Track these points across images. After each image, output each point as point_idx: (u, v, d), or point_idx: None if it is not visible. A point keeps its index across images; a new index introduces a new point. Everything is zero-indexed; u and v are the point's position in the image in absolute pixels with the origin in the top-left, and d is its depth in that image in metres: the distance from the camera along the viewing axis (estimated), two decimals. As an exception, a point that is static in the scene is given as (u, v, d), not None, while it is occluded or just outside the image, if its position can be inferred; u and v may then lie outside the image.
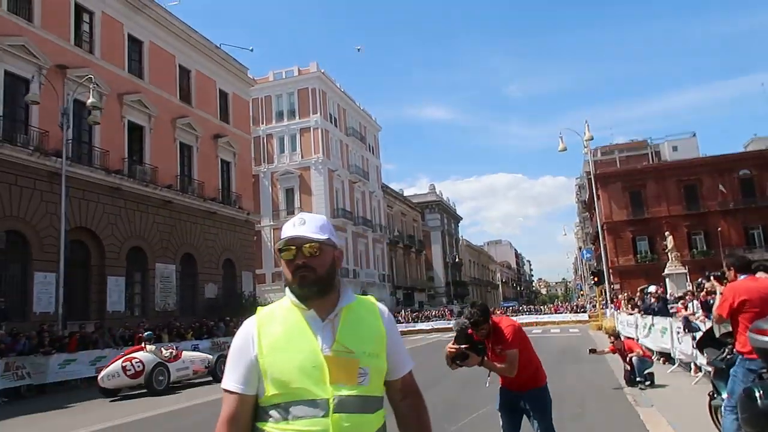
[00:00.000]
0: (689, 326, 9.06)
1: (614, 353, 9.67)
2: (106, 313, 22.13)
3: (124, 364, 12.61)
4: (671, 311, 11.25)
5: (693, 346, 9.03)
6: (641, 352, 9.23)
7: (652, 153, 72.47)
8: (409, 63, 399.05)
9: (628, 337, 16.07)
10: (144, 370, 12.63)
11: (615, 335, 10.16)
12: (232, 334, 13.92)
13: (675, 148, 69.09)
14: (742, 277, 4.48)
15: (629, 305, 17.04)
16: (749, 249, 47.83)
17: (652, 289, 12.97)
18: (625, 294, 18.52)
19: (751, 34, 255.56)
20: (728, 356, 4.67)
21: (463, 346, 3.98)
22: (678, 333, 9.91)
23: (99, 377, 12.84)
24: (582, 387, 9.49)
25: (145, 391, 12.75)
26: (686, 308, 9.75)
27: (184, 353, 14.54)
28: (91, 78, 19.51)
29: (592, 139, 25.69)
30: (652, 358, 10.14)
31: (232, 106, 33.52)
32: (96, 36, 23.89)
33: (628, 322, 17.12)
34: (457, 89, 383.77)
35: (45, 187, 20.36)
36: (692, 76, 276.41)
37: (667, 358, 11.16)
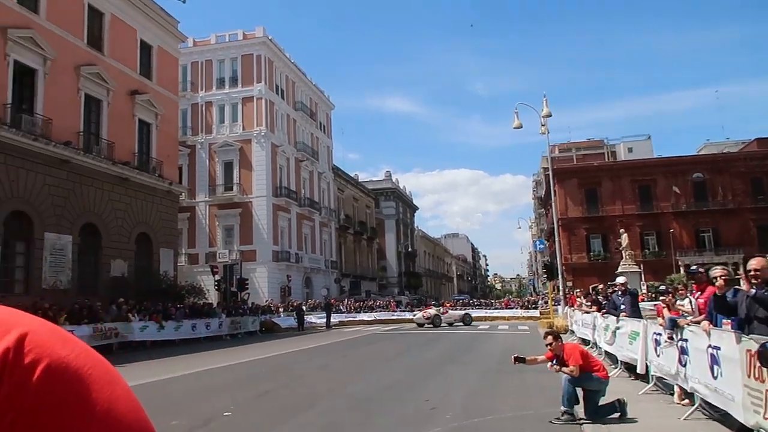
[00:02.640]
0: (677, 332, 6.33)
1: (551, 362, 6.66)
2: (-31, 288, 18.31)
3: None
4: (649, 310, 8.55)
5: (680, 362, 6.27)
6: (576, 370, 6.22)
7: (608, 152, 71.92)
8: (373, 54, 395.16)
9: (583, 341, 13.47)
10: None
11: (554, 335, 6.99)
12: (125, 319, 10.76)
13: (630, 150, 68.61)
14: None
15: (587, 301, 14.46)
16: (699, 252, 47.25)
17: (620, 279, 10.31)
18: (580, 290, 15.94)
19: (709, 47, 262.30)
20: None
21: None
22: (657, 340, 7.19)
23: None
24: (520, 418, 6.63)
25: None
26: (671, 306, 7.03)
27: None
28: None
29: (550, 116, 23.15)
30: (607, 374, 6.81)
31: (157, 61, 29.63)
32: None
33: (583, 322, 14.55)
34: (421, 83, 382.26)
35: None
36: (650, 85, 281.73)
37: (635, 372, 8.47)
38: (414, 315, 32.06)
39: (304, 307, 33.38)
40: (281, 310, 33.44)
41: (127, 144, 26.61)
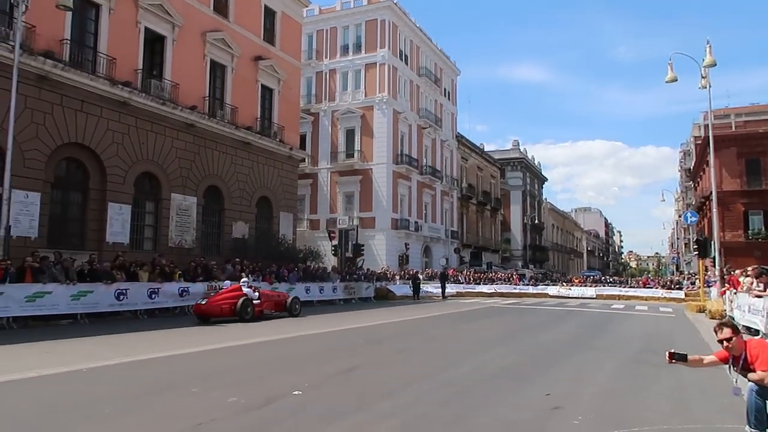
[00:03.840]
0: None
1: (729, 364, 4.76)
2: (104, 244, 19.42)
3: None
4: None
5: None
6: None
7: (776, 118, 62.31)
8: (503, 19, 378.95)
9: (747, 330, 10.90)
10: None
11: (732, 327, 4.88)
12: (238, 279, 8.45)
13: (806, 114, 58.79)
14: None
15: (760, 282, 11.66)
16: None
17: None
18: (753, 268, 13.05)
19: None
20: None
21: None
22: None
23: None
24: None
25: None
26: None
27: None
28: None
29: (714, 65, 19.48)
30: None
31: (280, 26, 29.62)
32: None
33: (751, 308, 11.86)
34: (555, 50, 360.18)
35: (32, 93, 17.49)
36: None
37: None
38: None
39: (420, 276, 32.46)
40: (397, 277, 32.76)
41: (249, 109, 26.95)
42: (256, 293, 15.40)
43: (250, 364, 7.85)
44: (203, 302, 14.50)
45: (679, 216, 77.52)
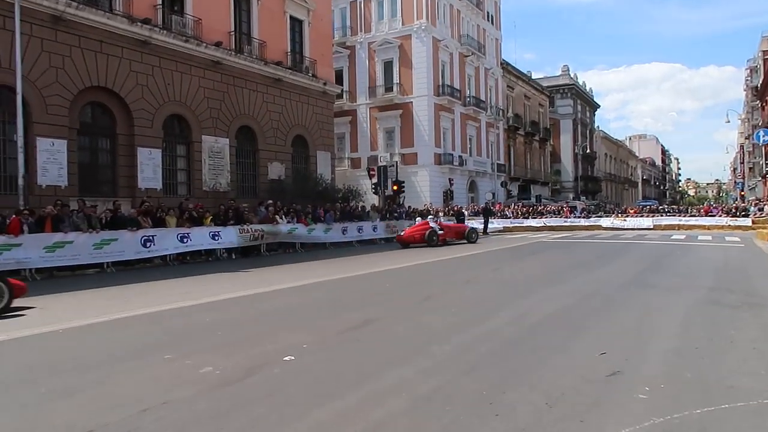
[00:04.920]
0: None
1: None
2: (137, 191, 19.04)
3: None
4: None
5: None
6: None
7: None
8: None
9: None
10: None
11: None
12: (271, 221, 7.98)
13: None
14: None
15: None
16: None
17: None
18: None
19: None
20: None
21: None
22: None
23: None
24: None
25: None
26: None
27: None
28: None
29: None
30: None
31: (306, -50, 27.65)
32: None
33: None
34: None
35: (47, 35, 16.74)
36: None
37: None
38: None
39: (465, 212, 31.25)
40: (441, 214, 31.63)
41: (279, 43, 25.60)
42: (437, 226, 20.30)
43: (262, 316, 7.06)
44: (402, 233, 20.41)
45: (747, 137, 72.36)
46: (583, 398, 3.63)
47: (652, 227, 30.04)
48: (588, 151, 72.18)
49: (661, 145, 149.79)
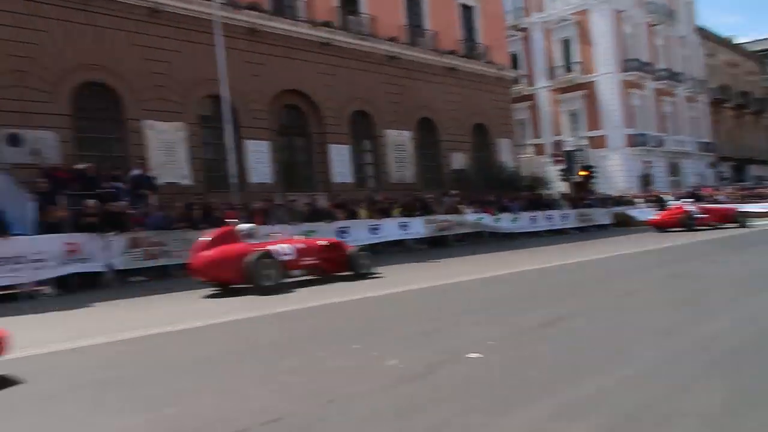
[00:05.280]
0: None
1: None
2: (331, 185, 19.97)
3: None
4: None
5: None
6: None
7: None
8: None
9: None
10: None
11: None
12: (455, 211, 14.63)
13: None
14: None
15: None
16: None
17: None
18: None
19: None
20: None
21: None
22: None
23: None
24: None
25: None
26: None
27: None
28: None
29: None
30: None
31: (472, -66, 27.07)
32: None
33: None
34: None
35: (245, 46, 18.26)
36: None
37: None
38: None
39: (671, 198, 27.67)
40: (640, 201, 28.46)
41: (451, 32, 25.29)
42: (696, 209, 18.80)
43: (444, 308, 6.36)
44: (657, 217, 19.40)
45: None
46: None
47: None
48: (818, 120, 60.56)
49: None
